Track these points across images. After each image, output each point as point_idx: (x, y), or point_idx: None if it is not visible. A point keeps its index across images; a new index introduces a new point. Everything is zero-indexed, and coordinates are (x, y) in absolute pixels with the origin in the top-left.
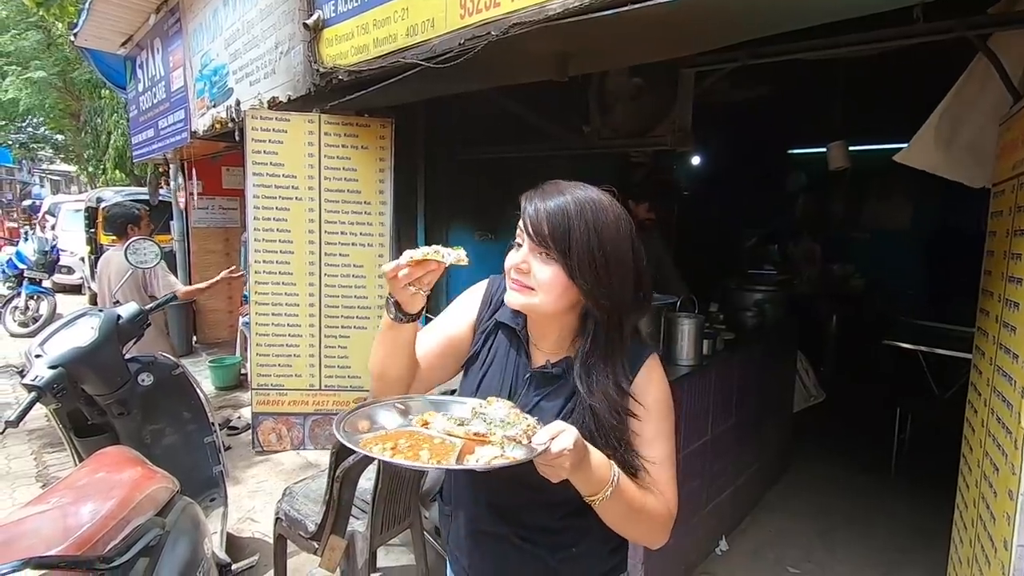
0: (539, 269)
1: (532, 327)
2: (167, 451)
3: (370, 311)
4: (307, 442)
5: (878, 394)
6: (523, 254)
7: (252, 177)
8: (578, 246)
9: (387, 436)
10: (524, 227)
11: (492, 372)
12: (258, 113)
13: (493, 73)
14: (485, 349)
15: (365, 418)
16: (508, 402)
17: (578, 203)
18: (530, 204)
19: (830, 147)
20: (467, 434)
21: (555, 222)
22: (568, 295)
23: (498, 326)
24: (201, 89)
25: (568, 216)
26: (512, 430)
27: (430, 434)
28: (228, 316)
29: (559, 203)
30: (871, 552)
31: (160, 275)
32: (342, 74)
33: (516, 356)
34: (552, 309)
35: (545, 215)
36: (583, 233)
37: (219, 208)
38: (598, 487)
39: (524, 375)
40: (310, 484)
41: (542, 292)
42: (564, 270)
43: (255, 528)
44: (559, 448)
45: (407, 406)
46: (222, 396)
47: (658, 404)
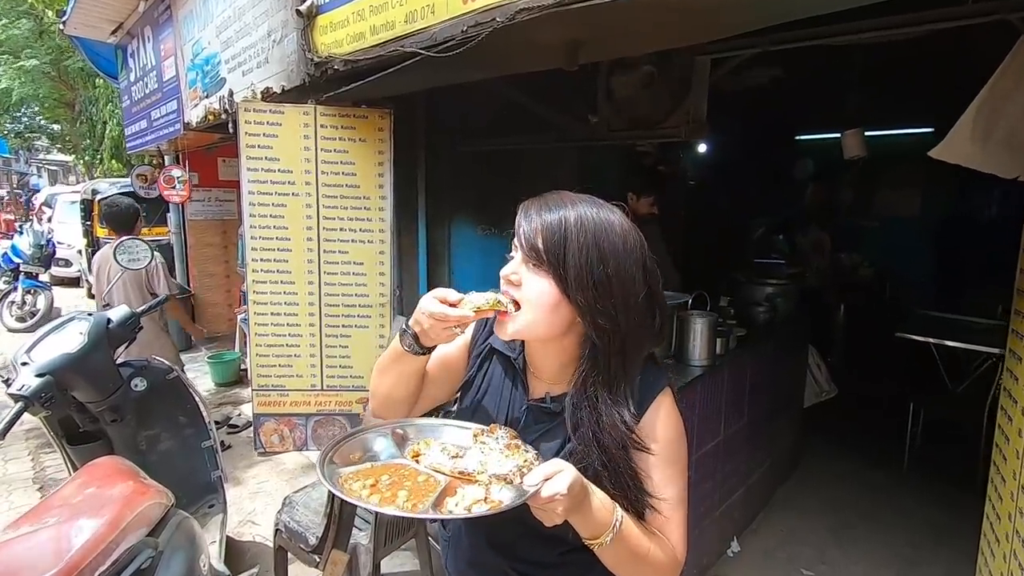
0: (530, 281)
1: (530, 354)
2: (163, 457)
3: (371, 310)
4: (310, 442)
5: (888, 387)
6: (515, 264)
7: (247, 173)
8: (575, 259)
9: (370, 471)
10: (517, 236)
11: (487, 402)
12: (251, 105)
13: (498, 62)
14: (480, 375)
15: (359, 447)
16: (511, 431)
17: (580, 216)
18: (526, 213)
19: (845, 135)
20: (453, 471)
21: (551, 231)
22: (561, 313)
23: (493, 352)
24: (193, 79)
25: (566, 227)
26: (506, 465)
27: (416, 469)
28: (227, 310)
29: (558, 214)
30: (885, 551)
31: (162, 273)
32: (337, 63)
33: (512, 388)
34: (544, 330)
35: (541, 224)
36: (581, 246)
37: (216, 200)
38: (598, 531)
39: (521, 407)
40: (311, 493)
41: (531, 308)
42: (557, 284)
43: (256, 532)
44: (550, 493)
45: (406, 432)
46: (222, 392)
47: (668, 445)
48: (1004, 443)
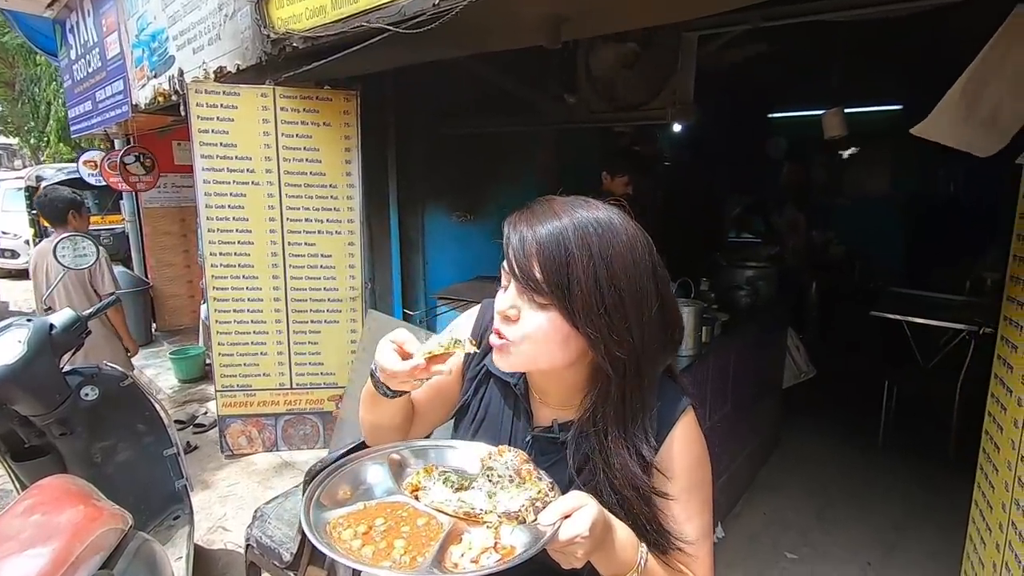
0: (530, 317)
1: (533, 380)
2: (121, 469)
3: (341, 304)
4: (280, 443)
5: (861, 364)
6: (510, 297)
7: (201, 160)
8: (581, 285)
9: (362, 514)
10: (508, 263)
11: (486, 432)
12: (203, 86)
13: (474, 39)
14: (476, 400)
15: (349, 480)
16: (522, 454)
17: (579, 227)
18: (515, 232)
19: (826, 114)
20: (456, 511)
21: (549, 254)
22: (571, 347)
23: (490, 376)
24: (139, 57)
25: (566, 247)
26: (518, 499)
27: (415, 509)
28: (190, 302)
29: (553, 229)
30: (866, 531)
31: (106, 270)
32: (296, 41)
33: (513, 417)
34: (553, 364)
35: (535, 246)
36: (587, 267)
37: (172, 186)
38: (623, 569)
39: (524, 437)
40: (284, 503)
41: (533, 345)
42: (564, 317)
43: (227, 538)
44: (570, 536)
45: (404, 456)
46: (186, 390)
47: (692, 474)
48: (996, 432)
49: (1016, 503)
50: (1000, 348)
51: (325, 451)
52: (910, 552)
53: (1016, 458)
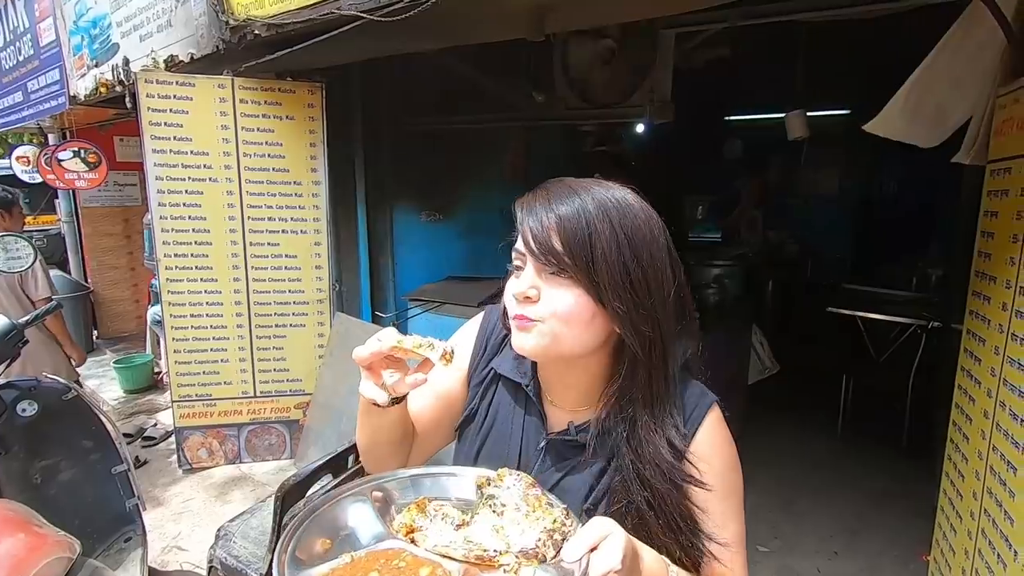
0: (553, 296)
1: (547, 377)
2: (65, 490)
3: (307, 307)
4: (243, 454)
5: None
6: (529, 278)
7: (153, 155)
8: (606, 258)
9: (353, 567)
10: (525, 241)
11: (494, 438)
12: (153, 75)
13: (453, 31)
14: (484, 405)
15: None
16: (526, 477)
17: (599, 203)
18: (530, 211)
19: (789, 116)
20: (466, 555)
21: (571, 229)
22: (596, 327)
23: (498, 378)
24: (78, 44)
25: (587, 219)
26: (531, 532)
27: (415, 556)
28: (135, 306)
29: (572, 205)
30: (832, 521)
31: (40, 274)
32: (258, 28)
33: (525, 420)
34: (577, 348)
35: (555, 221)
36: (610, 240)
37: (114, 184)
38: None
39: (537, 443)
40: (249, 520)
41: (558, 324)
42: (589, 293)
43: (183, 559)
44: (603, 570)
45: (388, 491)
46: (133, 400)
47: (725, 473)
48: (964, 422)
49: (988, 491)
50: (966, 341)
51: (290, 463)
52: (873, 539)
53: (987, 447)
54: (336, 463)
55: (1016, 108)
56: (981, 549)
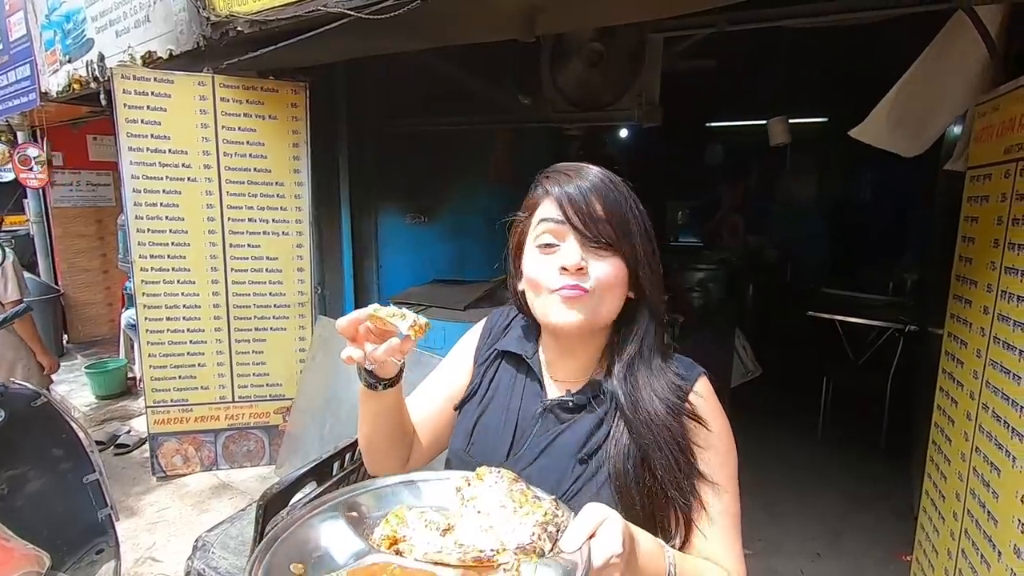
0: (598, 266)
1: (552, 352)
2: (33, 501)
3: (288, 310)
4: (220, 461)
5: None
6: (576, 251)
7: (129, 153)
8: (639, 225)
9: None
10: (567, 218)
11: (492, 410)
12: (130, 71)
13: (442, 30)
14: (485, 382)
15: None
16: (508, 473)
17: (611, 178)
18: (565, 184)
19: (771, 122)
20: (462, 559)
21: (612, 204)
22: (622, 295)
23: (500, 356)
24: (50, 39)
25: (622, 195)
26: (523, 528)
27: (406, 567)
28: (108, 310)
29: (602, 180)
30: (814, 522)
31: (11, 275)
32: (241, 24)
33: (524, 389)
34: (609, 317)
35: (594, 192)
36: (635, 211)
37: (87, 184)
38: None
39: (534, 411)
40: (228, 530)
41: (603, 294)
42: (626, 261)
43: (158, 570)
44: (605, 557)
45: (360, 508)
46: (106, 406)
47: (721, 438)
48: (947, 424)
49: (972, 492)
50: (947, 344)
51: (270, 468)
52: (855, 540)
53: (970, 449)
54: (321, 470)
55: (994, 116)
56: (964, 550)
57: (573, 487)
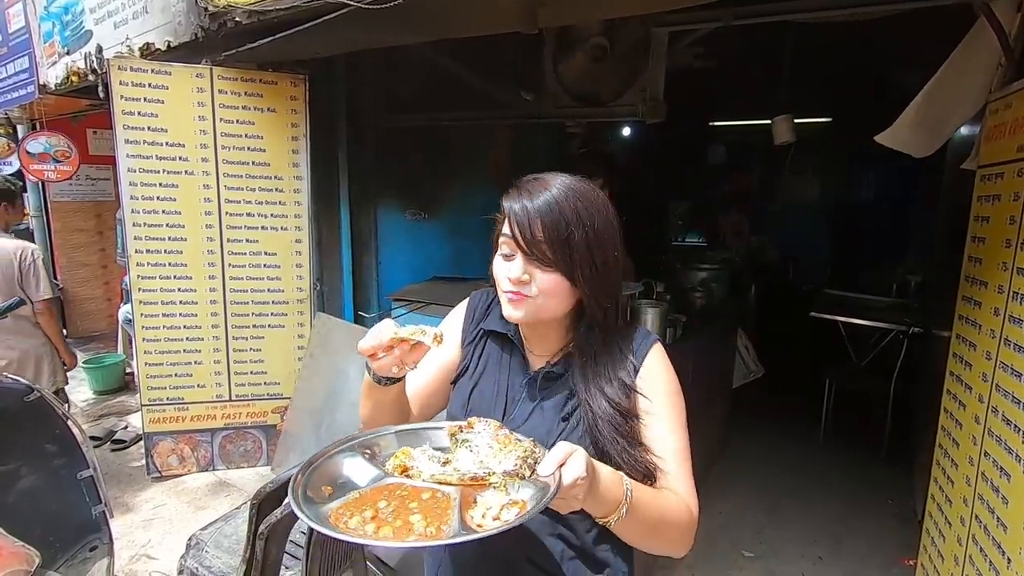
0: (541, 278)
1: (527, 331)
2: (25, 497)
3: (287, 306)
4: (217, 461)
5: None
6: (520, 265)
7: (125, 145)
8: (578, 251)
9: (362, 500)
10: (514, 236)
11: (484, 382)
12: (127, 63)
13: (444, 22)
14: (475, 358)
15: (325, 478)
16: (493, 421)
17: (568, 199)
18: (516, 205)
19: (775, 121)
20: (461, 479)
21: (551, 228)
22: (569, 298)
23: (486, 335)
24: (49, 31)
25: (564, 219)
26: (508, 459)
27: (415, 487)
28: (107, 305)
29: (548, 203)
30: (815, 526)
31: (42, 274)
32: (239, 15)
33: (511, 363)
34: (554, 315)
35: (539, 221)
36: (582, 235)
37: (86, 178)
38: (612, 506)
39: (521, 380)
40: (223, 528)
41: (545, 299)
42: (565, 276)
43: (152, 568)
44: (572, 478)
45: (373, 448)
46: (103, 402)
47: (668, 395)
48: (954, 427)
49: (980, 497)
50: (955, 346)
51: (267, 468)
52: (857, 544)
53: (978, 453)
54: None
55: (1007, 113)
56: (972, 555)
57: (559, 439)
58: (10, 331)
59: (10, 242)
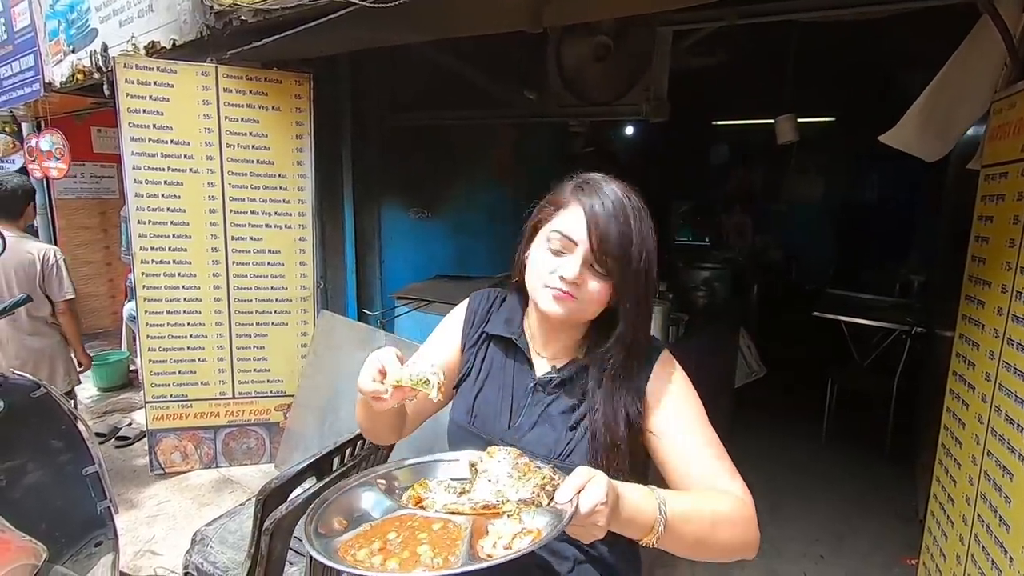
0: (592, 285)
1: (538, 333)
2: (31, 493)
3: (290, 304)
4: (220, 458)
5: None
6: (576, 267)
7: (131, 143)
8: (634, 266)
9: (373, 531)
10: (593, 234)
11: (488, 387)
12: (133, 61)
13: (449, 21)
14: (477, 363)
15: (341, 511)
16: (512, 449)
17: (634, 213)
18: (593, 203)
19: (779, 120)
20: (474, 508)
21: (622, 241)
22: (604, 304)
23: (488, 339)
24: (54, 29)
25: (631, 233)
26: (524, 488)
27: (426, 517)
28: (111, 302)
29: (622, 207)
30: (818, 525)
31: (64, 275)
32: (245, 14)
33: (515, 367)
34: (588, 317)
35: (614, 222)
36: (639, 251)
37: (91, 176)
38: (646, 527)
39: (527, 386)
40: (227, 524)
41: (588, 304)
42: (614, 286)
43: (157, 563)
44: (591, 505)
45: (390, 481)
46: (107, 398)
47: (684, 396)
48: (957, 427)
49: (982, 496)
50: (959, 346)
51: (271, 465)
52: (859, 543)
53: (981, 452)
54: (321, 465)
55: (1012, 113)
56: (974, 554)
57: (566, 450)
58: (26, 331)
59: (34, 244)
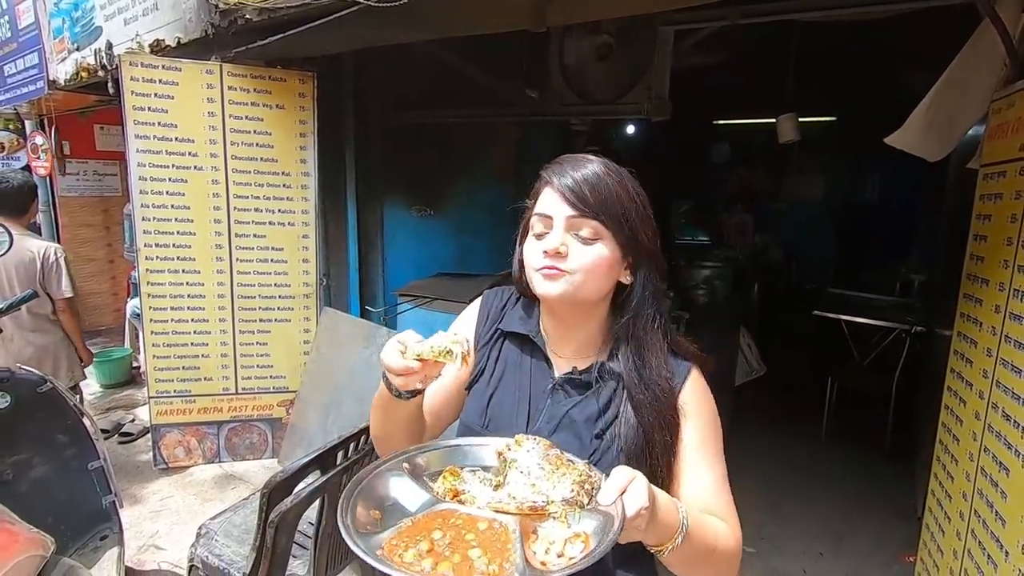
0: (580, 251)
1: (553, 329)
2: (37, 487)
3: (293, 301)
4: (223, 453)
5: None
6: (559, 236)
7: (136, 141)
8: (631, 215)
9: (415, 529)
10: (564, 199)
11: (503, 388)
12: (138, 59)
13: (452, 20)
14: (491, 362)
15: (372, 500)
16: (542, 440)
17: (609, 169)
18: (561, 175)
19: (780, 119)
20: (520, 508)
21: (601, 190)
22: (611, 277)
23: (504, 336)
24: (59, 27)
25: (611, 183)
26: (563, 484)
27: (470, 515)
28: (113, 299)
29: (594, 171)
30: (817, 523)
31: (64, 272)
32: (250, 13)
33: (532, 367)
34: (596, 295)
35: (586, 183)
36: (629, 200)
37: (93, 174)
38: (668, 535)
39: (545, 387)
40: (232, 518)
41: (583, 275)
42: (614, 245)
43: (160, 557)
44: (636, 508)
45: (415, 464)
46: (110, 395)
47: (711, 423)
48: (955, 424)
49: (979, 492)
50: (956, 344)
51: (273, 461)
52: (858, 541)
53: (978, 449)
54: (325, 459)
55: (1010, 112)
56: (971, 550)
57: (592, 459)
58: (29, 327)
59: (35, 242)
